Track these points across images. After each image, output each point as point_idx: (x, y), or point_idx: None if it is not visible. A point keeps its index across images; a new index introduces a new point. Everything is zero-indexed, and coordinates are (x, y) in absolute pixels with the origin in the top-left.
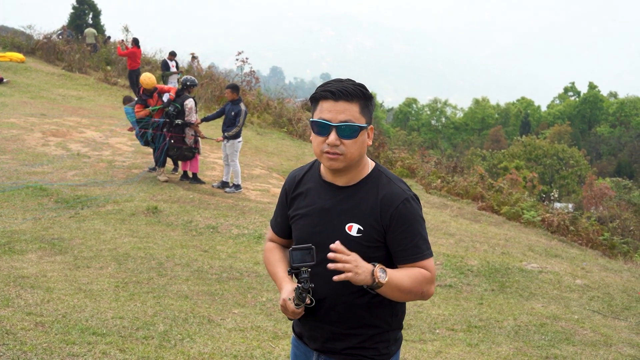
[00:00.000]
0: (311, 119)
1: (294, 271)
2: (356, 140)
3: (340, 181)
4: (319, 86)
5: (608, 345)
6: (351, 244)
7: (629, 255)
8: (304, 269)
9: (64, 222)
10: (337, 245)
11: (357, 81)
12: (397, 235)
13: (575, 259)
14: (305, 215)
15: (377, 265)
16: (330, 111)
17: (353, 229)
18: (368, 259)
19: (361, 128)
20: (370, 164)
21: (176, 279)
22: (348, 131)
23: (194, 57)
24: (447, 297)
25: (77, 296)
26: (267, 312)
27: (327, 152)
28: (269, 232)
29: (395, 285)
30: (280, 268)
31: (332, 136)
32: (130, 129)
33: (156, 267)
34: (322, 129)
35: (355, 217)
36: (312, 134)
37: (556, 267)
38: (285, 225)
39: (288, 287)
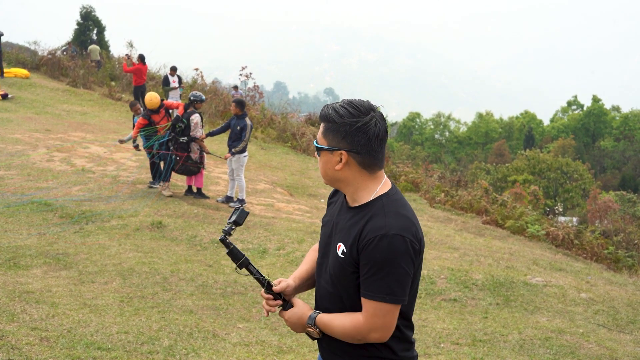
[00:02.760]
0: None
1: (227, 226)
2: (320, 159)
3: (348, 200)
4: None
5: (613, 359)
6: (336, 262)
7: (633, 268)
8: (228, 224)
9: (69, 237)
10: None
11: (361, 100)
12: (362, 267)
13: (579, 273)
14: (324, 225)
15: (311, 319)
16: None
17: (340, 249)
18: (346, 280)
19: (319, 149)
20: (378, 191)
21: (181, 293)
22: (316, 149)
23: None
24: (451, 311)
25: (82, 311)
26: (271, 327)
27: None
28: None
29: (327, 329)
30: (303, 266)
31: (316, 152)
32: (136, 147)
33: (161, 281)
34: None
35: (344, 238)
36: None
37: (561, 280)
38: None
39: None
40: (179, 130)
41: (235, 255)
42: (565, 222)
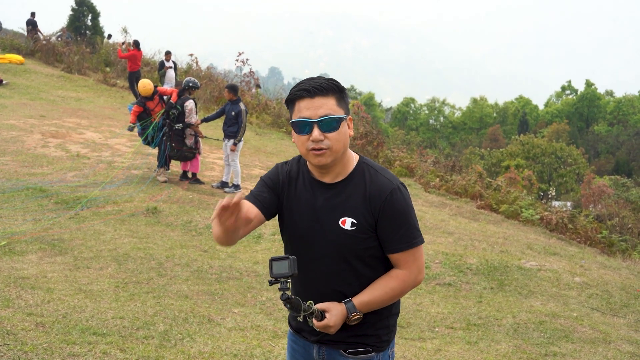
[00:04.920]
0: (291, 121)
1: (273, 282)
2: (339, 132)
3: (328, 178)
4: (292, 88)
5: (607, 342)
6: (346, 237)
7: (627, 252)
8: (282, 279)
9: (64, 223)
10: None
11: (333, 79)
12: (386, 226)
13: (573, 257)
14: (297, 212)
15: (352, 308)
16: (308, 108)
17: (347, 223)
18: (364, 249)
19: (341, 119)
20: (354, 158)
21: (176, 279)
22: (329, 124)
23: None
24: (446, 296)
25: (78, 296)
26: (266, 312)
27: (313, 149)
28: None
29: (371, 308)
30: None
31: (315, 132)
32: (130, 129)
33: (156, 267)
34: (303, 127)
35: (348, 211)
36: (294, 135)
37: (555, 265)
38: (271, 203)
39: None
40: (173, 117)
41: (299, 307)
42: (559, 207)
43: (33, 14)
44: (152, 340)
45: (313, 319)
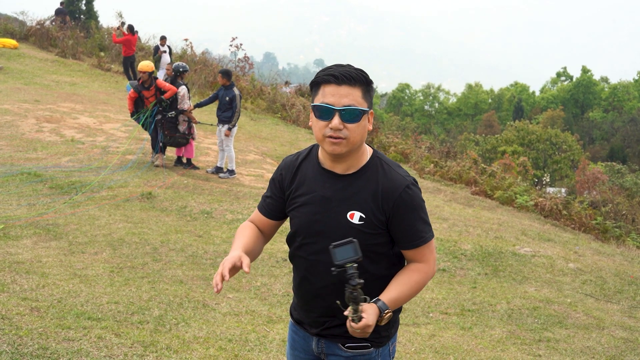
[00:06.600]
0: (313, 104)
1: (338, 269)
2: (359, 124)
3: (340, 168)
4: (320, 70)
5: (600, 328)
6: (353, 231)
7: (621, 239)
8: (348, 264)
9: (59, 208)
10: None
11: (362, 70)
12: (400, 222)
13: (568, 243)
14: (305, 203)
15: (383, 306)
16: (333, 95)
17: (355, 216)
18: (370, 245)
19: (363, 112)
20: (368, 151)
21: (171, 264)
22: (351, 115)
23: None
24: (440, 281)
25: (72, 281)
26: (261, 297)
27: (330, 137)
28: (253, 214)
29: (399, 303)
30: (240, 240)
31: (336, 120)
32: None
33: (151, 252)
34: (324, 113)
35: (357, 205)
36: (314, 118)
37: (549, 251)
38: (274, 207)
39: (236, 253)
40: (166, 105)
41: (360, 299)
42: (554, 193)
43: (62, 4)
44: (147, 325)
45: (350, 322)
